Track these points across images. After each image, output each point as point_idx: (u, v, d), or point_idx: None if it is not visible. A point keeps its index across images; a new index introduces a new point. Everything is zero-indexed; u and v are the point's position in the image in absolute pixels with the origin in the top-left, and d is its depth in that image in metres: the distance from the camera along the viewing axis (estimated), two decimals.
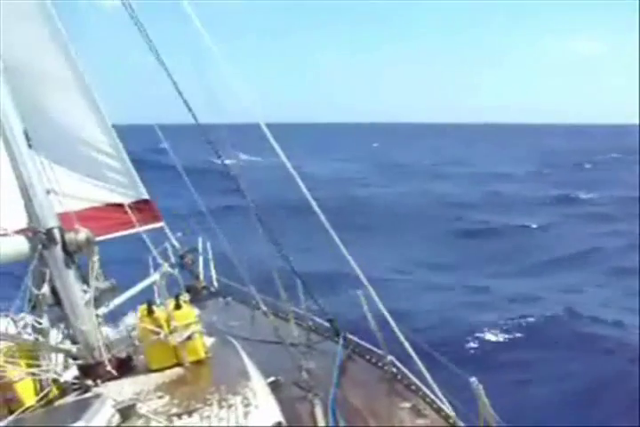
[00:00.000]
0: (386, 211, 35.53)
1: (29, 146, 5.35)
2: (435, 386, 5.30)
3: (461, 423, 4.92)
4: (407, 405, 5.51)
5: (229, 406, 3.97)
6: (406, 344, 5.77)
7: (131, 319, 6.88)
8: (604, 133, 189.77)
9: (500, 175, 56.77)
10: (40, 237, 5.10)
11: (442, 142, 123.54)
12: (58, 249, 5.20)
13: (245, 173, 7.70)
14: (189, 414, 3.92)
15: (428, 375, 5.03)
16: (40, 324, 5.32)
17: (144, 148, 39.60)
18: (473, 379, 3.96)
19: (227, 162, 7.28)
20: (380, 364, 6.57)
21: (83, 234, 5.33)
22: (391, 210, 35.89)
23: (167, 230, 9.04)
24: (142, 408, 3.89)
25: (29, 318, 5.31)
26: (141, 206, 7.91)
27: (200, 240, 11.92)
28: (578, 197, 43.31)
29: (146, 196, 8.19)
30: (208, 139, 7.09)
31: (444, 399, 5.21)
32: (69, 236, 5.27)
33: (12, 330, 5.26)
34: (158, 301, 5.99)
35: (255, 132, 6.56)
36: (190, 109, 6.71)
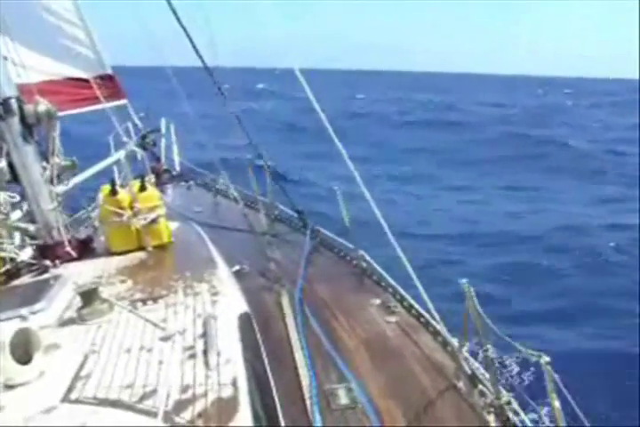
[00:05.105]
0: None
1: None
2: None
3: (434, 323, 4.91)
4: (377, 301, 5.49)
5: (195, 294, 3.84)
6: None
7: None
8: None
9: None
10: None
11: None
12: (15, 121, 4.84)
13: None
14: (154, 300, 3.78)
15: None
16: (13, 197, 5.04)
17: None
18: (464, 280, 3.84)
19: None
20: (348, 258, 6.52)
21: (43, 106, 4.95)
22: None
23: (130, 108, 8.64)
24: (104, 292, 3.72)
25: None
26: (105, 82, 7.46)
27: (163, 121, 11.52)
28: None
29: (110, 71, 7.72)
30: None
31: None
32: (28, 107, 4.90)
33: None
34: (119, 181, 5.73)
35: None
36: None
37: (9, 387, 2.71)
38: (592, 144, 34.68)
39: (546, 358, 3.13)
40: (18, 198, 5.03)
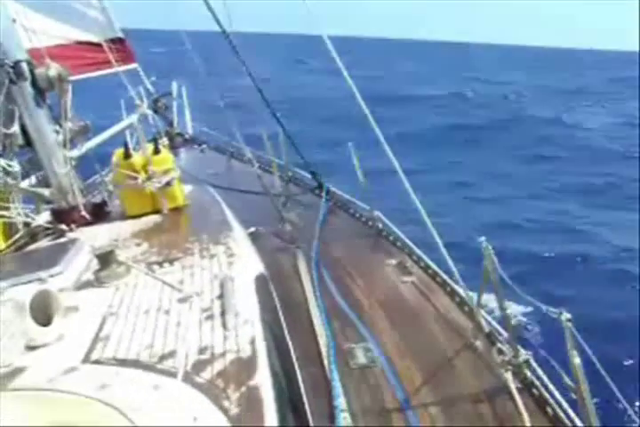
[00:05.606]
0: None
1: None
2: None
3: (451, 282, 4.88)
4: (393, 261, 5.48)
5: (212, 256, 3.84)
6: None
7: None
8: None
9: None
10: (7, 71, 4.67)
11: None
12: (27, 85, 4.80)
13: None
14: (170, 262, 3.78)
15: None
16: (11, 166, 5.03)
17: None
18: (482, 238, 3.78)
19: None
20: (364, 219, 6.50)
21: (54, 70, 4.90)
22: None
23: (141, 72, 8.58)
24: (121, 255, 3.73)
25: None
26: (116, 46, 7.36)
27: (174, 85, 11.44)
28: None
29: (121, 34, 7.62)
30: None
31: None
32: (40, 71, 4.85)
33: None
34: (131, 144, 5.71)
35: None
36: None
37: (30, 348, 2.75)
38: None
39: (567, 315, 3.10)
40: (18, 168, 5.01)
